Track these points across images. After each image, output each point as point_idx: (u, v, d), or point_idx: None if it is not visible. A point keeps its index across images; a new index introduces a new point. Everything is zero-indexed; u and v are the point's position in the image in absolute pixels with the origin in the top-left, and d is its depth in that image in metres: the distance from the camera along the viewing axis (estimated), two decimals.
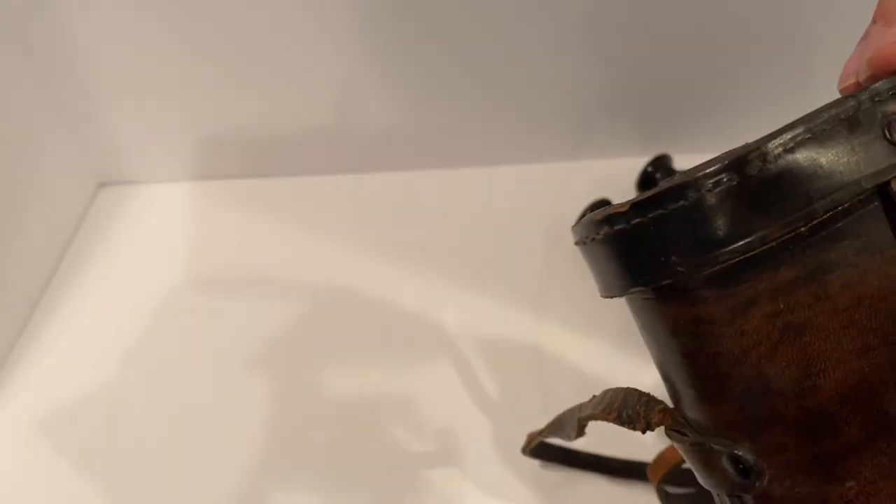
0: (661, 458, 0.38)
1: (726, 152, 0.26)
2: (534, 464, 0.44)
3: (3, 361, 0.54)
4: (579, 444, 0.42)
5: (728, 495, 0.24)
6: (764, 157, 0.20)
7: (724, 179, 0.20)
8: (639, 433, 0.26)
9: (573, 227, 0.25)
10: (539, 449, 0.42)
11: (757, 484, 0.22)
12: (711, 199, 0.20)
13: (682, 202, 0.20)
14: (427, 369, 0.50)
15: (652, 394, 0.26)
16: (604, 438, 0.39)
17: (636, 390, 0.26)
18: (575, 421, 0.29)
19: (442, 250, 0.57)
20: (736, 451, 0.22)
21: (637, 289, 0.22)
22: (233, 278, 0.58)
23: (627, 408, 0.26)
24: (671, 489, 0.39)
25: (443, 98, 0.60)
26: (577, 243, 0.25)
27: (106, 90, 0.62)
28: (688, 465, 0.25)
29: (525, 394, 0.47)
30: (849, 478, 0.22)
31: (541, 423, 0.37)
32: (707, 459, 0.23)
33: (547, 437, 0.36)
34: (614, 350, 0.48)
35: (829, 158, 0.20)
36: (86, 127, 0.64)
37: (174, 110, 0.63)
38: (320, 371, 0.51)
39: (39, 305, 0.58)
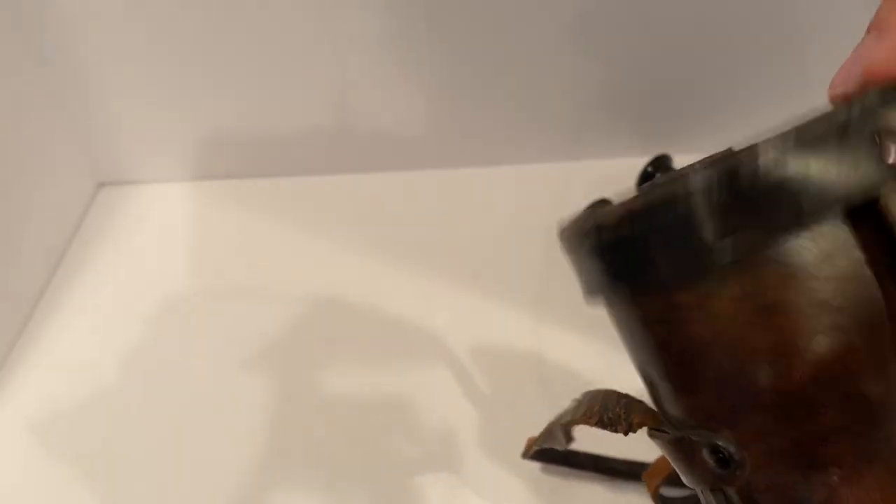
0: (656, 465, 0.38)
1: (713, 156, 0.26)
2: (535, 466, 0.43)
3: (3, 361, 0.54)
4: (582, 445, 0.42)
5: (711, 490, 0.24)
6: (755, 168, 0.20)
7: (715, 188, 0.20)
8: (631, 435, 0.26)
9: (560, 233, 0.25)
10: (539, 452, 0.42)
11: (738, 473, 0.22)
12: (701, 208, 0.20)
13: (671, 210, 0.20)
14: (427, 370, 0.50)
15: (631, 394, 0.26)
16: (608, 438, 0.39)
17: (616, 392, 0.26)
18: (560, 428, 0.29)
19: (442, 250, 0.57)
20: (715, 441, 0.22)
21: (622, 297, 0.23)
22: (233, 278, 0.58)
23: (608, 410, 0.26)
24: (669, 492, 0.39)
25: (443, 98, 0.60)
26: (563, 249, 0.25)
27: (106, 90, 0.62)
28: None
29: (525, 394, 0.47)
30: (831, 463, 0.22)
31: (541, 423, 0.37)
32: (687, 454, 0.23)
33: (541, 445, 0.36)
34: (615, 350, 0.47)
35: (818, 171, 0.20)
36: (86, 127, 0.64)
37: (174, 110, 0.63)
38: (320, 371, 0.51)
39: (39, 305, 0.58)
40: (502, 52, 0.57)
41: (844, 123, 0.20)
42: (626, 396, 0.26)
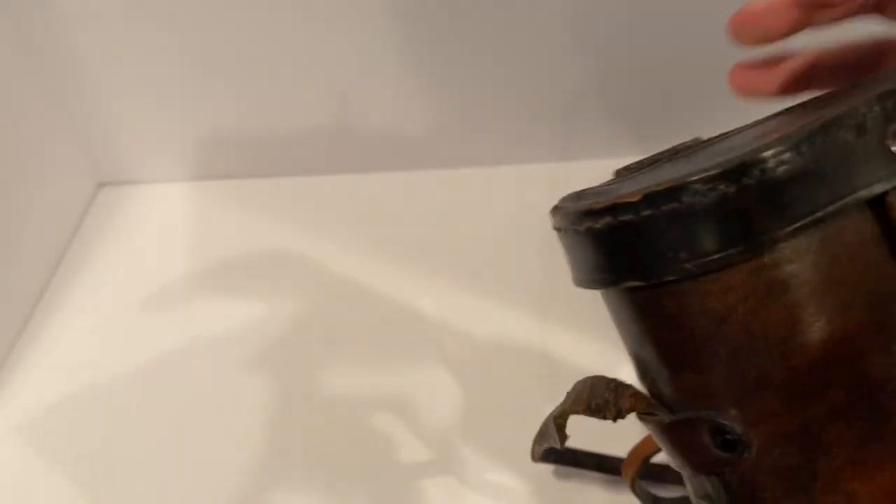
0: (632, 454, 0.38)
1: (681, 144, 0.26)
2: (537, 466, 0.43)
3: (3, 361, 0.54)
4: (587, 444, 0.42)
5: (708, 475, 0.23)
6: (780, 160, 0.20)
7: (743, 179, 0.20)
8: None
9: (555, 209, 0.24)
10: (547, 453, 0.42)
11: (745, 456, 0.22)
12: (728, 198, 0.20)
13: (699, 197, 0.20)
14: (427, 370, 0.50)
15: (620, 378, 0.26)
16: (613, 437, 0.39)
17: (604, 377, 0.26)
18: (552, 423, 0.29)
19: (442, 250, 0.57)
20: (721, 421, 0.22)
21: (635, 283, 0.22)
22: (233, 278, 0.58)
23: (596, 397, 0.25)
24: (659, 491, 0.39)
25: (443, 98, 0.60)
26: (560, 229, 0.24)
27: (106, 90, 0.62)
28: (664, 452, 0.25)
29: (526, 394, 0.47)
30: (835, 445, 0.22)
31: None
32: (686, 437, 0.23)
33: (540, 445, 0.36)
34: (616, 348, 0.47)
35: (838, 164, 0.20)
36: (86, 127, 0.64)
37: (174, 110, 0.63)
38: (320, 371, 0.51)
39: (39, 305, 0.58)
40: (503, 51, 0.57)
41: (863, 116, 0.20)
42: (615, 381, 0.25)
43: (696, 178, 0.20)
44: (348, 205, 0.62)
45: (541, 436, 0.33)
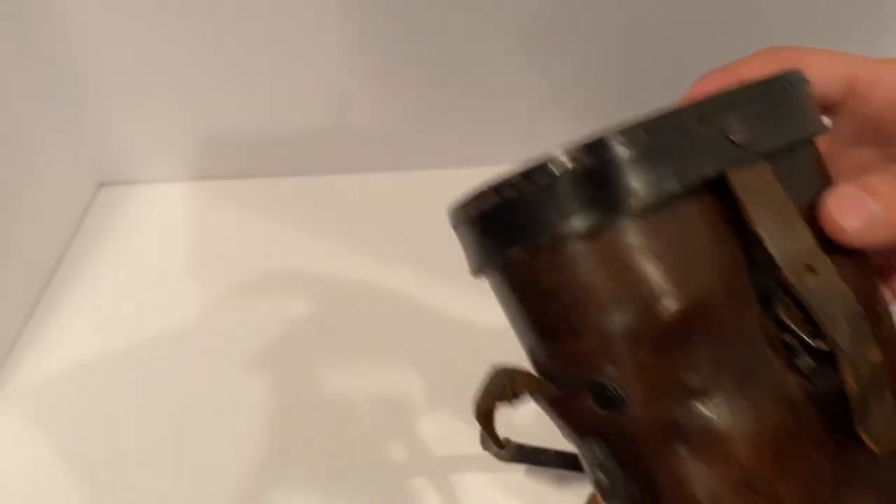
0: None
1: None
2: (535, 468, 0.43)
3: (3, 361, 0.54)
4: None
5: (594, 436, 0.25)
6: (633, 138, 0.23)
7: (602, 153, 0.23)
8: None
9: (451, 209, 0.27)
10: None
11: (624, 410, 0.24)
12: (590, 170, 0.23)
13: (567, 169, 0.23)
14: (427, 370, 0.50)
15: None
16: None
17: (503, 366, 0.28)
18: (482, 433, 0.31)
19: (442, 250, 0.57)
20: (599, 379, 0.24)
21: (517, 252, 0.24)
22: (233, 278, 0.58)
23: (495, 384, 0.28)
24: None
25: (443, 98, 0.60)
26: (458, 223, 0.27)
27: (106, 90, 0.62)
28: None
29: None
30: (702, 394, 0.24)
31: (542, 422, 0.37)
32: (571, 404, 0.25)
33: (487, 451, 0.36)
34: None
35: (684, 147, 0.23)
36: (86, 127, 0.64)
37: (174, 110, 0.63)
38: (320, 371, 0.51)
39: (39, 305, 0.58)
40: (503, 52, 0.57)
41: (702, 114, 0.24)
42: (512, 367, 0.28)
43: (563, 153, 0.23)
44: (348, 205, 0.62)
45: (483, 442, 0.34)
